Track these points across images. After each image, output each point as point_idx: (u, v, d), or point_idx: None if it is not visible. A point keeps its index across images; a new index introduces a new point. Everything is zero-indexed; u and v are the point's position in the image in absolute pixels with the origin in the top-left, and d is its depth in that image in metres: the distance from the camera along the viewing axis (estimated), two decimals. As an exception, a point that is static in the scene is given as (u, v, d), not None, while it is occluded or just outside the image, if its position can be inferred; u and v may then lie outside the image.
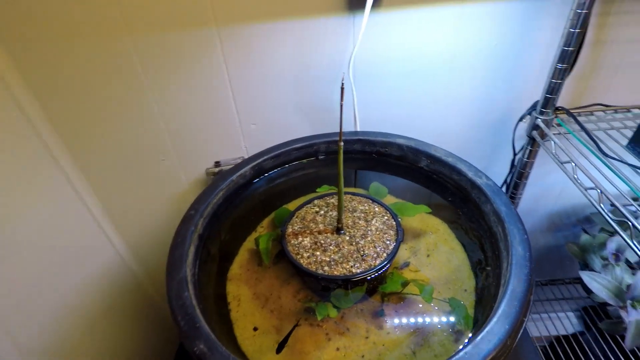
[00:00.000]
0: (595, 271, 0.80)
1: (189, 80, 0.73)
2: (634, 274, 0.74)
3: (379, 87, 0.77)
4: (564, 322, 1.04)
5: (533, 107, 0.71)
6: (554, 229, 1.07)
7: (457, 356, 0.38)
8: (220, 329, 0.54)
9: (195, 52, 0.70)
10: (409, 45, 0.73)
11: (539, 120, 0.69)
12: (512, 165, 0.80)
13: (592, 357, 0.92)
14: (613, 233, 0.85)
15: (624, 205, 0.49)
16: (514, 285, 0.44)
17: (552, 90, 0.65)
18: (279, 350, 0.51)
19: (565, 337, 1.03)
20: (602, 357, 0.89)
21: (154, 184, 0.88)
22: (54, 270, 0.73)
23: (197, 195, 0.64)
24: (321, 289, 0.57)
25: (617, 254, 0.76)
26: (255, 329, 0.54)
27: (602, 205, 0.50)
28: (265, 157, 0.70)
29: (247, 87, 0.76)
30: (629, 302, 0.69)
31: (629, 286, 0.71)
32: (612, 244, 0.77)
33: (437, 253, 0.62)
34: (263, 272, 0.62)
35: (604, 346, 0.90)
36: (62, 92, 0.71)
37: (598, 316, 0.98)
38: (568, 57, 0.63)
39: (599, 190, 0.50)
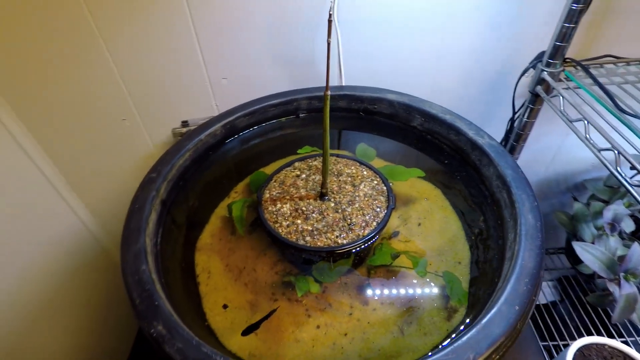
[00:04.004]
0: (585, 241, 0.77)
1: (146, 25, 0.63)
2: (627, 246, 0.71)
3: (367, 36, 0.68)
4: (544, 291, 1.04)
5: (538, 58, 0.64)
6: (542, 197, 1.04)
7: (460, 341, 0.33)
8: (186, 305, 0.47)
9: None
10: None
11: (545, 73, 0.62)
12: (510, 126, 0.74)
13: (570, 326, 0.91)
14: (608, 201, 0.81)
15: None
16: (524, 259, 0.38)
17: (564, 36, 0.58)
18: (246, 332, 0.45)
19: (545, 305, 1.02)
20: (574, 328, 0.88)
21: (115, 146, 0.78)
22: (11, 237, 0.67)
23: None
24: (302, 262, 0.50)
25: (613, 224, 0.73)
26: (224, 306, 0.48)
27: (619, 169, 0.44)
28: (239, 115, 0.62)
29: (215, 34, 0.65)
30: (621, 274, 0.66)
31: (620, 258, 0.68)
32: (609, 213, 0.73)
33: (429, 221, 0.56)
34: (237, 242, 0.55)
35: (575, 316, 0.89)
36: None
37: (573, 288, 0.97)
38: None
39: (616, 152, 0.45)
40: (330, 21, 0.37)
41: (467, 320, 0.44)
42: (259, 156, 0.65)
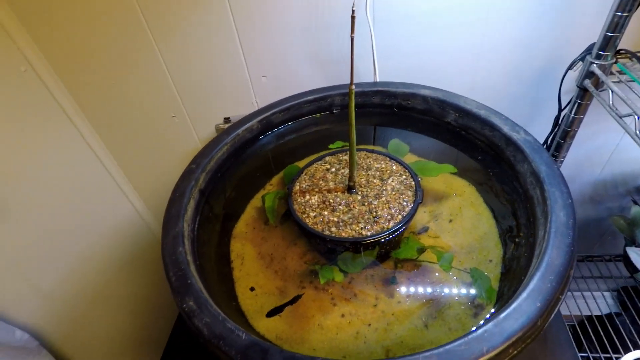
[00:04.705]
0: (644, 247, 0.71)
1: (194, 29, 0.68)
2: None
3: (402, 32, 0.68)
4: (598, 302, 0.96)
5: (587, 50, 0.60)
6: (598, 199, 0.97)
7: (475, 334, 0.33)
8: (219, 287, 0.51)
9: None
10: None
11: (595, 66, 0.58)
12: (556, 123, 0.70)
13: (626, 339, 0.84)
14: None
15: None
16: (551, 256, 0.37)
17: (616, 26, 0.53)
18: (270, 314, 0.47)
19: (598, 317, 0.95)
20: (638, 340, 0.81)
21: (165, 141, 0.85)
22: (73, 222, 0.74)
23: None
24: (327, 252, 0.52)
25: (675, 229, 0.66)
26: (252, 289, 0.51)
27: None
28: (274, 111, 0.64)
29: (255, 35, 0.69)
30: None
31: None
32: (670, 217, 0.67)
33: (460, 218, 0.55)
34: (270, 232, 0.58)
35: (632, 329, 0.82)
36: (71, 52, 0.70)
37: (631, 299, 0.89)
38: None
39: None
40: (353, 17, 0.38)
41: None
42: (293, 151, 0.67)
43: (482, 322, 0.44)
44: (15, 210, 0.62)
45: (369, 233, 0.48)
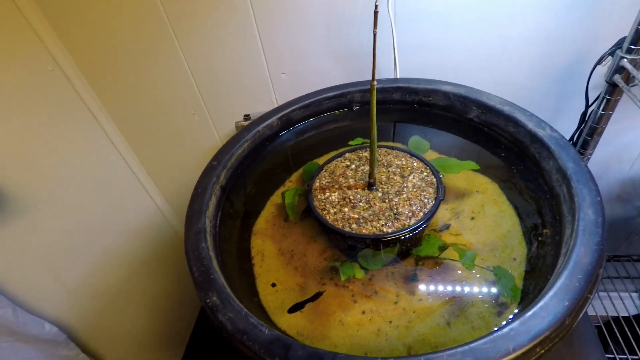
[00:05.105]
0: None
1: (216, 28, 0.69)
2: None
3: (423, 28, 0.67)
4: (625, 302, 0.93)
5: (618, 44, 0.58)
6: (626, 198, 0.93)
7: (500, 332, 0.32)
8: (240, 283, 0.51)
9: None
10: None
11: (626, 60, 0.56)
12: (583, 119, 0.68)
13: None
14: None
15: None
16: (579, 255, 0.36)
17: (648, 18, 0.52)
18: (291, 310, 0.48)
19: (625, 318, 0.92)
20: None
21: (186, 138, 0.87)
22: (97, 218, 0.76)
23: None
24: (347, 248, 0.52)
25: None
26: (273, 285, 0.51)
27: None
28: (294, 107, 0.65)
29: (275, 32, 0.69)
30: None
31: None
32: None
33: (483, 216, 0.54)
34: (289, 228, 0.58)
35: None
36: (95, 50, 0.71)
37: None
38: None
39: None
40: (376, 13, 0.38)
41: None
42: (312, 147, 0.67)
43: (507, 320, 0.43)
44: (42, 207, 0.64)
45: (390, 230, 0.48)
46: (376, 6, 0.38)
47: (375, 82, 0.43)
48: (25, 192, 0.61)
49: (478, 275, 0.48)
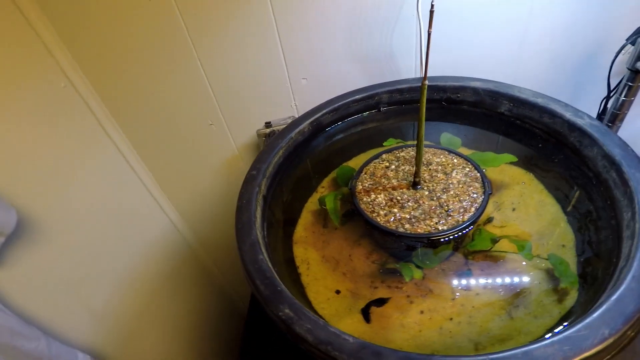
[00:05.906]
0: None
1: (235, 35, 0.67)
2: None
3: (446, 27, 0.68)
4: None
5: (637, 32, 0.60)
6: None
7: (592, 316, 0.32)
8: (293, 294, 0.50)
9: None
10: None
11: (648, 46, 0.58)
12: (603, 106, 0.70)
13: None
14: None
15: None
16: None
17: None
18: (365, 313, 0.47)
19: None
20: None
21: (202, 150, 0.85)
22: (115, 239, 0.74)
23: (256, 156, 0.60)
24: (406, 249, 0.52)
25: None
26: (324, 293, 0.51)
27: None
28: (324, 112, 0.64)
29: (296, 36, 0.69)
30: None
31: None
32: None
33: (524, 206, 0.55)
34: (330, 234, 0.58)
35: None
36: (108, 66, 0.69)
37: None
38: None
39: None
40: (432, 12, 0.38)
41: (582, 302, 0.43)
42: (342, 151, 0.67)
43: (570, 307, 0.44)
44: (62, 232, 0.61)
45: (445, 227, 0.48)
46: (432, 5, 0.38)
47: (426, 82, 0.43)
48: (46, 217, 0.59)
49: (532, 265, 0.49)
